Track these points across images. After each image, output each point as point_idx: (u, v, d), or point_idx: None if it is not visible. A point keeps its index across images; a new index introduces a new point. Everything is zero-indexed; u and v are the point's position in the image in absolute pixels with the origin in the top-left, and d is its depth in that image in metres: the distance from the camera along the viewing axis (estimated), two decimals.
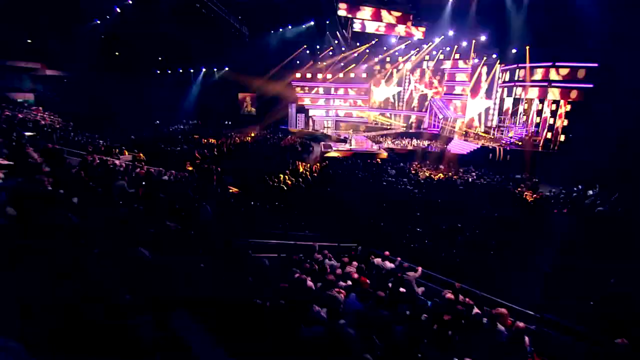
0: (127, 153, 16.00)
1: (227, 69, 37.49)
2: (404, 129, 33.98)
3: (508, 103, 26.25)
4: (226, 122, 36.72)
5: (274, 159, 19.46)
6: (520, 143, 23.47)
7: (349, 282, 5.53)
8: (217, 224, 7.64)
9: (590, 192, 15.53)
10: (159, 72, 36.41)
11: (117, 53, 31.26)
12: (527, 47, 21.60)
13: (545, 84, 21.55)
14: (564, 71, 20.73)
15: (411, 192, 12.72)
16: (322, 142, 27.06)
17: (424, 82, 32.82)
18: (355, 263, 6.46)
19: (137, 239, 3.74)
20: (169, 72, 37.10)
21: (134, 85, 31.62)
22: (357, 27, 22.63)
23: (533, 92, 22.72)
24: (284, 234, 8.01)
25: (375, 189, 13.28)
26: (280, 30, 29.93)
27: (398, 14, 21.84)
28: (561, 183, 17.77)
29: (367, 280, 5.53)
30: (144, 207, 6.41)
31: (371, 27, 22.49)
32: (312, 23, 28.41)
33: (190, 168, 16.38)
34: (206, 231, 6.31)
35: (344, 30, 29.38)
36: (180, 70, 37.41)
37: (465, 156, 23.40)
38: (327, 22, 27.51)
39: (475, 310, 4.72)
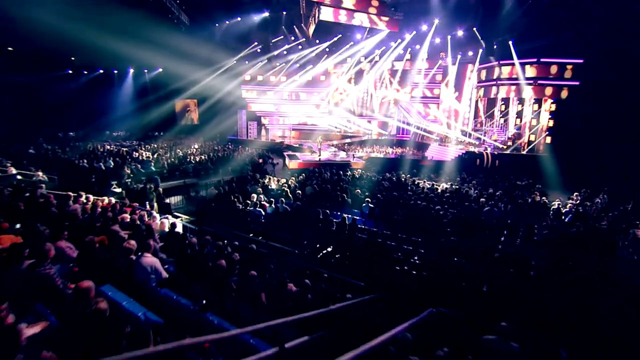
0: (14, 170, 11.58)
1: (160, 69, 32.86)
2: (368, 136, 32.26)
3: (485, 104, 25.57)
4: (157, 133, 31.85)
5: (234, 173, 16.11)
6: (504, 147, 22.65)
7: None
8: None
9: (598, 199, 14.37)
10: (70, 71, 30.67)
11: (10, 49, 25.48)
12: (510, 43, 20.86)
13: (530, 82, 20.91)
14: (550, 68, 20.22)
15: (443, 212, 10.23)
16: (285, 153, 23.99)
17: (390, 84, 31.45)
18: None
19: None
20: (85, 72, 31.52)
21: (30, 89, 26.01)
22: (325, 15, 20.23)
23: (518, 92, 22.04)
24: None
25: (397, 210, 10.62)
26: (227, 22, 26.55)
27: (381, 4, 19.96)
28: (559, 189, 16.88)
29: None
30: None
31: (343, 17, 20.27)
32: (266, 14, 25.47)
33: (119, 190, 12.38)
34: None
35: (302, 25, 26.92)
36: (101, 71, 31.99)
37: (449, 163, 21.93)
38: (284, 12, 24.82)
39: None
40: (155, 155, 19.65)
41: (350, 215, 10.32)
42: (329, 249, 8.31)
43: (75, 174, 14.54)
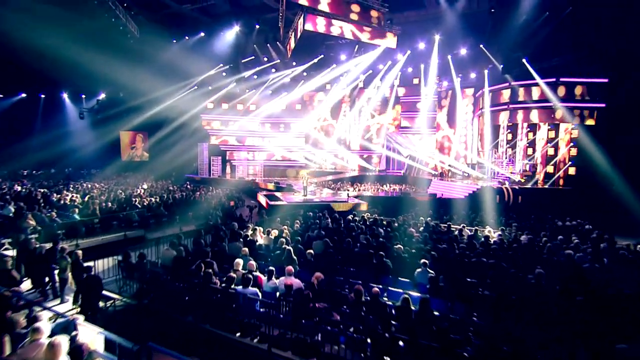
0: None
1: (103, 95, 28.56)
2: (355, 171, 29.33)
3: (490, 132, 23.56)
4: (94, 170, 26.85)
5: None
6: (523, 180, 20.35)
7: None
8: None
9: None
10: None
11: None
12: (525, 60, 19.16)
13: (550, 104, 19.10)
14: (572, 89, 18.56)
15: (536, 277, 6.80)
16: (261, 194, 20.13)
17: (377, 113, 29.17)
18: None
19: None
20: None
21: None
22: (309, 25, 17.57)
23: (532, 116, 20.12)
24: None
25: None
26: (187, 38, 23.28)
27: (380, 15, 17.56)
28: (602, 228, 14.39)
29: None
30: None
31: (330, 28, 17.67)
32: (236, 28, 22.49)
33: (10, 252, 8.02)
34: None
35: (279, 43, 24.25)
36: (23, 95, 27.06)
37: (463, 201, 19.17)
38: (257, 25, 21.99)
39: None
40: (86, 199, 15.06)
41: (402, 291, 6.65)
42: None
43: None
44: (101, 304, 7.00)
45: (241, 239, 9.29)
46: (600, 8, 15.80)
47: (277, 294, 6.45)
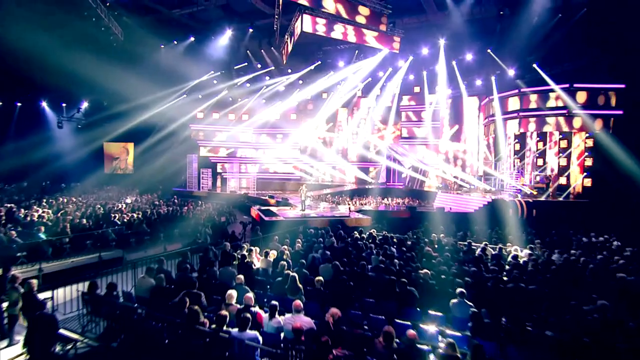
0: None
1: (85, 104, 27.26)
2: (353, 184, 28.22)
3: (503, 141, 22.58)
4: (71, 185, 25.28)
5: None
6: (535, 192, 19.36)
7: None
8: None
9: None
10: None
11: None
12: (536, 65, 18.39)
13: (564, 112, 18.27)
14: (584, 95, 17.78)
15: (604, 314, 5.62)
16: (254, 208, 18.84)
17: (380, 122, 28.27)
18: None
19: None
20: None
21: None
22: (306, 26, 16.65)
23: (547, 124, 19.23)
24: None
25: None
26: (175, 42, 22.24)
27: (366, 11, 16.66)
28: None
29: None
30: None
31: (331, 31, 16.74)
32: (228, 32, 21.47)
33: None
34: None
35: (273, 48, 23.33)
36: None
37: (474, 215, 18.11)
38: (251, 29, 21.02)
39: None
40: (60, 214, 13.61)
41: (436, 328, 5.40)
42: None
43: None
44: (58, 347, 5.67)
45: (235, 262, 7.99)
46: (618, 9, 15.14)
47: (282, 335, 5.19)
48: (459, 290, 6.01)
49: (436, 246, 10.98)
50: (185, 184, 28.47)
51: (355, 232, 12.67)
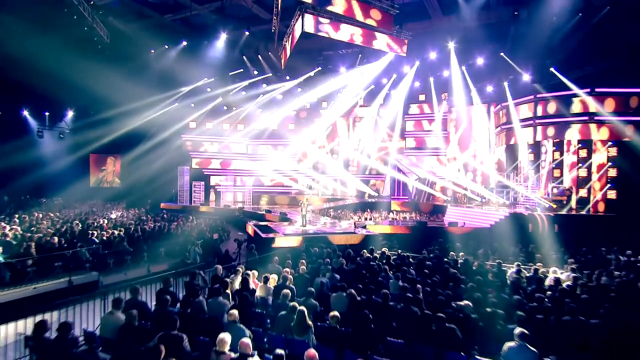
0: None
1: (70, 112, 26.12)
2: (356, 197, 27.00)
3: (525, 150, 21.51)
4: (54, 199, 23.91)
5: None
6: (555, 206, 18.23)
7: None
8: None
9: None
10: None
11: None
12: (553, 70, 17.49)
13: (585, 118, 17.30)
14: (612, 101, 16.83)
15: None
16: (250, 223, 17.54)
17: (380, 132, 27.26)
18: None
19: None
20: None
21: None
22: (307, 26, 15.71)
23: (571, 132, 18.20)
24: None
25: None
26: (166, 46, 21.27)
27: (377, 14, 15.71)
28: None
29: None
30: None
31: (337, 32, 15.78)
32: (223, 36, 20.51)
33: None
34: None
35: (269, 53, 22.43)
36: None
37: (491, 231, 16.97)
38: (247, 32, 20.06)
39: None
40: (32, 229, 12.26)
41: None
42: None
43: None
44: None
45: (228, 291, 6.69)
46: None
47: None
48: (518, 330, 4.74)
49: (459, 266, 9.74)
50: (176, 197, 27.17)
51: (365, 250, 11.43)
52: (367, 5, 15.39)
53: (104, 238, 12.29)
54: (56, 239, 10.88)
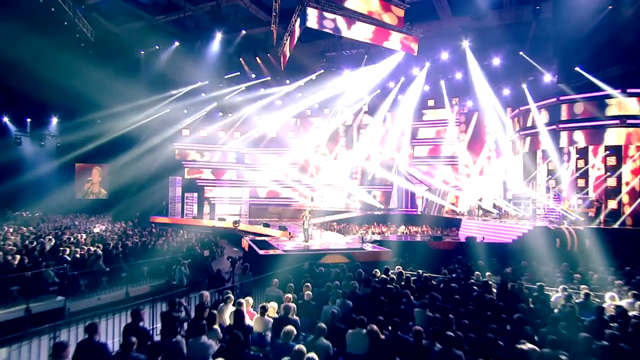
0: None
1: (55, 119, 25.00)
2: (359, 210, 25.72)
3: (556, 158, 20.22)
4: (35, 213, 22.56)
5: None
6: (582, 219, 16.92)
7: None
8: None
9: None
10: None
11: None
12: (579, 69, 16.37)
13: (617, 122, 16.14)
14: None
15: None
16: (246, 238, 16.22)
17: (388, 140, 26.13)
18: None
19: None
20: None
21: None
22: (310, 21, 14.63)
23: (608, 136, 16.97)
24: None
25: None
26: (157, 47, 20.25)
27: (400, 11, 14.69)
28: None
29: None
30: None
31: (347, 30, 14.74)
32: (219, 36, 19.48)
33: None
34: None
35: (268, 54, 21.41)
36: None
37: (514, 246, 15.68)
38: (244, 30, 19.05)
39: None
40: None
41: None
42: None
43: None
44: None
45: (216, 326, 5.36)
46: None
47: None
48: None
49: (496, 291, 8.39)
50: (167, 210, 25.85)
51: (377, 270, 10.09)
52: (385, 2, 14.53)
53: (77, 256, 10.94)
54: (18, 257, 9.53)
